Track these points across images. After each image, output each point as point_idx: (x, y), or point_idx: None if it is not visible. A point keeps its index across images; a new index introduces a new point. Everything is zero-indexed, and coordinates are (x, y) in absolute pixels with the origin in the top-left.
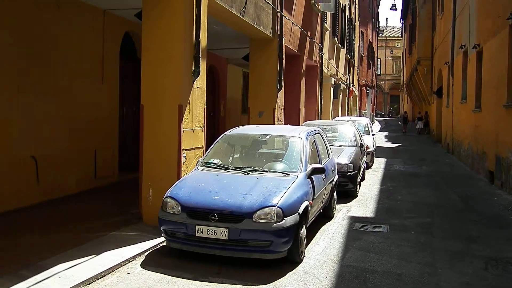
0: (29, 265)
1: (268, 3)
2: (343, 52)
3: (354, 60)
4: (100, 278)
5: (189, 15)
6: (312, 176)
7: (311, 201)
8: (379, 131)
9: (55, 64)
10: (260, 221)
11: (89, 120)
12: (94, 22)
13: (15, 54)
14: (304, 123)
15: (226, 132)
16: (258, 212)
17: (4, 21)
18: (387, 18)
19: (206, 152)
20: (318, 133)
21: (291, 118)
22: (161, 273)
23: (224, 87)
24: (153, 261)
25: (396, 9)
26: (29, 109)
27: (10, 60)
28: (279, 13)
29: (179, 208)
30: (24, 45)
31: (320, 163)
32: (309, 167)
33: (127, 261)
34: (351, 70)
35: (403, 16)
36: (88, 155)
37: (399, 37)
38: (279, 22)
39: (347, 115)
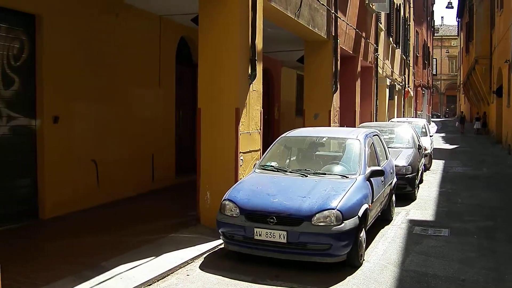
0: (92, 266)
1: (322, 4)
2: (398, 52)
3: (409, 60)
4: (160, 279)
5: (245, 18)
6: (371, 179)
7: (370, 204)
8: (436, 132)
9: (114, 69)
10: (319, 224)
11: (147, 124)
12: (151, 28)
13: (77, 60)
14: (360, 125)
15: (282, 135)
16: (317, 215)
17: (66, 29)
18: (442, 17)
19: (263, 155)
20: (376, 135)
21: (346, 120)
22: (219, 275)
23: (278, 89)
24: (211, 263)
25: (452, 7)
26: (89, 114)
27: (71, 67)
28: (333, 14)
29: (238, 211)
30: (84, 52)
31: (378, 165)
32: (368, 170)
33: (186, 263)
34: (407, 70)
35: (459, 14)
36: (146, 158)
37: (455, 35)
38: (333, 24)
39: (403, 117)
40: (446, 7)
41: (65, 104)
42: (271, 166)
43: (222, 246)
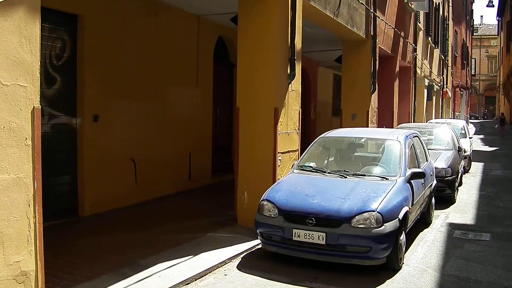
0: (131, 264)
1: (361, 3)
2: (436, 52)
3: (447, 61)
4: (198, 278)
5: (285, 18)
6: (411, 181)
7: (410, 207)
8: (474, 134)
9: (152, 69)
10: (359, 226)
11: (184, 123)
12: (189, 28)
13: (116, 60)
14: (399, 125)
15: (321, 135)
16: (356, 217)
17: (106, 29)
18: (481, 16)
19: (301, 155)
20: (416, 136)
21: (384, 121)
22: (257, 275)
23: (314, 89)
24: (249, 264)
25: (492, 6)
26: (128, 113)
27: (111, 66)
28: (372, 14)
29: (276, 211)
30: (123, 51)
31: (418, 167)
32: (408, 172)
33: (224, 262)
34: (445, 70)
35: (500, 13)
36: (183, 157)
37: (495, 35)
38: (372, 23)
39: (441, 118)
40: (487, 6)
41: (105, 103)
42: (310, 166)
43: (260, 246)
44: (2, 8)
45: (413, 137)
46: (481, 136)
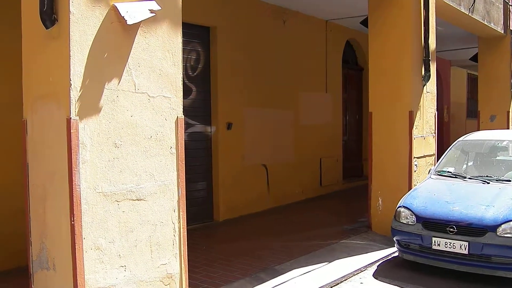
0: (266, 269)
1: None
2: None
3: None
4: (333, 286)
5: (417, 17)
6: None
7: None
8: None
9: (282, 76)
10: (506, 235)
11: (315, 129)
12: (317, 33)
13: (247, 68)
14: None
15: (459, 139)
16: (503, 225)
17: (237, 39)
18: None
19: (438, 160)
20: None
21: None
22: (395, 285)
23: (447, 90)
24: (385, 272)
25: None
26: (259, 120)
27: (242, 74)
28: (510, 7)
29: (414, 219)
30: (254, 60)
31: None
32: None
33: (359, 270)
34: None
35: None
36: (314, 163)
37: None
38: (510, 17)
39: None
40: None
41: (238, 111)
42: (448, 172)
43: (396, 254)
44: (148, 24)
45: None
46: None
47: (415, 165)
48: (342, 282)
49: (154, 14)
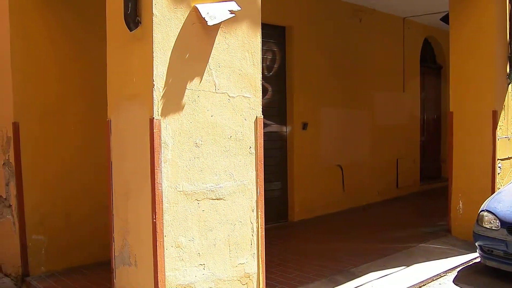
0: (342, 271)
1: None
2: None
3: None
4: None
5: (501, 12)
6: None
7: None
8: None
9: (358, 75)
10: None
11: (391, 130)
12: (394, 31)
13: (322, 67)
14: None
15: None
16: None
17: (312, 38)
18: None
19: None
20: None
21: None
22: None
23: None
24: (465, 278)
25: None
26: (335, 119)
27: (318, 74)
28: None
29: (498, 223)
30: (329, 59)
31: None
32: None
33: (438, 275)
34: None
35: None
36: (391, 164)
37: None
38: None
39: None
40: None
41: (313, 111)
42: None
43: (477, 260)
44: (228, 25)
45: None
46: None
47: (499, 167)
48: (420, 287)
49: (234, 15)
